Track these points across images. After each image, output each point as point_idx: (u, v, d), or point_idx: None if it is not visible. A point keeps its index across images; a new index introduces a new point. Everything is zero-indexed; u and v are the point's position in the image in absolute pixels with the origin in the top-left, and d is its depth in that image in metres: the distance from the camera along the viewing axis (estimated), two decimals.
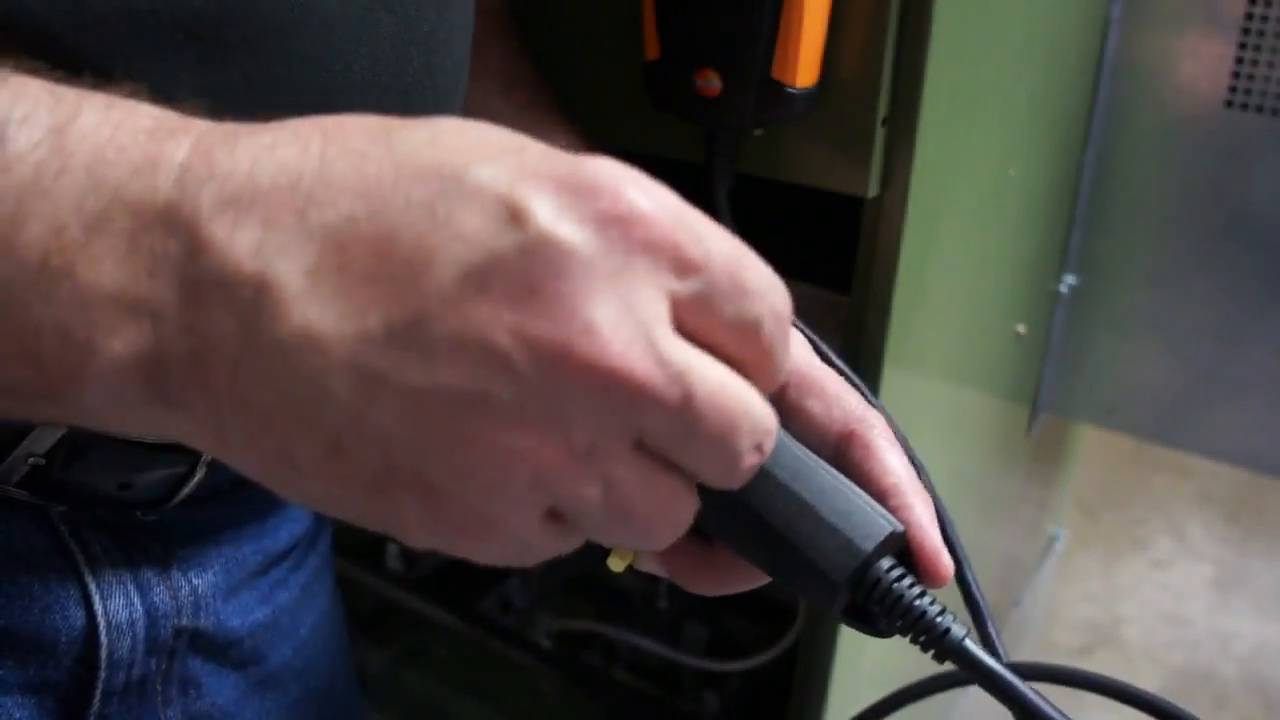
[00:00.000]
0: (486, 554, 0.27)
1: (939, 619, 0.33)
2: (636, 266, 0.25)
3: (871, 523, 0.33)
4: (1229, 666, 1.74)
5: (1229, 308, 0.88)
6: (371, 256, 0.24)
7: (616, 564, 0.36)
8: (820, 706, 0.70)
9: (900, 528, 0.34)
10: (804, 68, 0.55)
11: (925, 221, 0.61)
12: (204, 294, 0.25)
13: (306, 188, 0.25)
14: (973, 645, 0.33)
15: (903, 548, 0.35)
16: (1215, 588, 1.94)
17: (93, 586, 0.43)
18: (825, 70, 0.57)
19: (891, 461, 0.36)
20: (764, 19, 0.54)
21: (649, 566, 0.37)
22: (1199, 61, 0.84)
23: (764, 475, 0.33)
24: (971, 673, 0.33)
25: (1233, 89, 0.83)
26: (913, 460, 0.57)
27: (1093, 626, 1.84)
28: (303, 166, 0.25)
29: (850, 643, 0.69)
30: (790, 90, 0.55)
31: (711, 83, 0.56)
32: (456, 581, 0.93)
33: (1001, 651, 0.52)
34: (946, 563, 0.34)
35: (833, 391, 0.37)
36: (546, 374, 0.24)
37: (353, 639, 0.63)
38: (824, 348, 0.59)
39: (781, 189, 0.62)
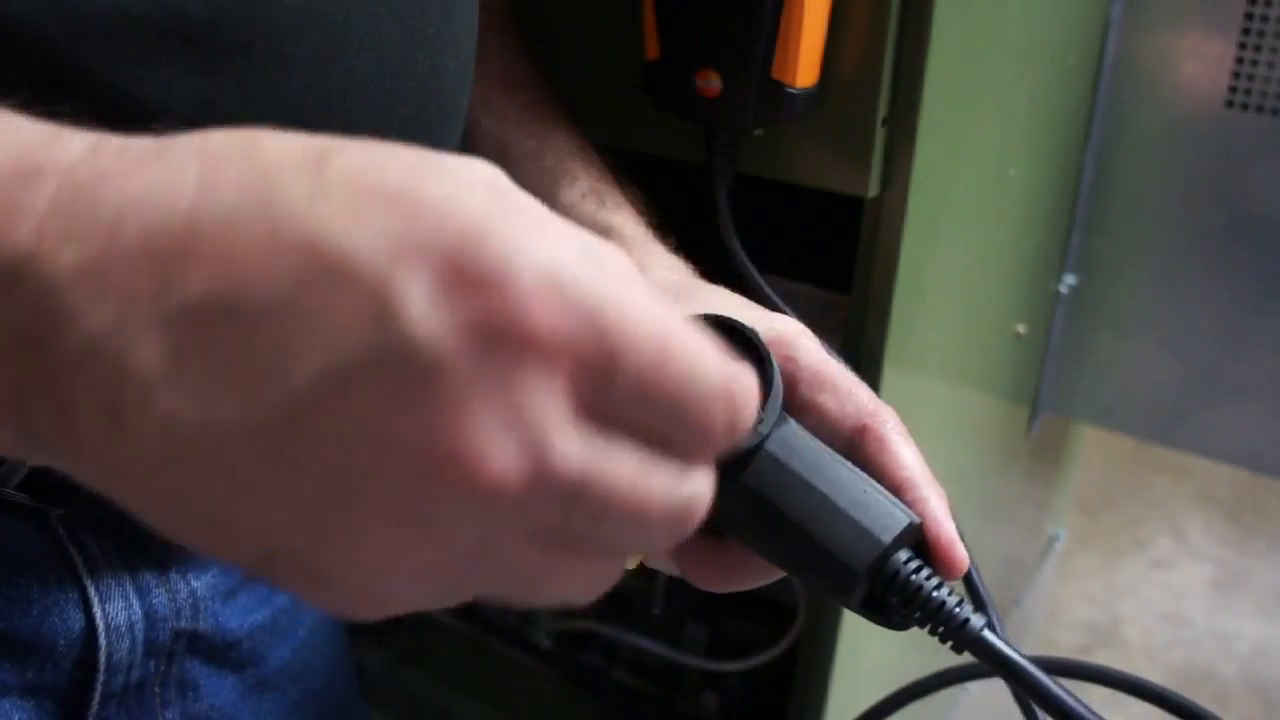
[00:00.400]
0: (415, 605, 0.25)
1: (958, 609, 0.33)
2: (523, 372, 0.22)
3: (889, 514, 0.33)
4: (1229, 666, 1.74)
5: (1229, 308, 0.88)
6: (234, 342, 0.22)
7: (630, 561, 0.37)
8: (820, 706, 0.70)
9: (917, 520, 0.34)
10: (804, 68, 0.55)
11: (925, 221, 0.61)
12: (64, 373, 0.23)
13: (170, 256, 0.22)
14: (991, 635, 0.33)
15: (918, 540, 0.35)
16: (1215, 588, 1.94)
17: (91, 589, 0.43)
18: (825, 70, 0.57)
19: (905, 455, 0.37)
20: (764, 19, 0.54)
21: (659, 564, 0.37)
22: (1199, 61, 0.84)
23: (782, 469, 0.33)
24: (990, 662, 0.34)
25: (1233, 89, 0.83)
26: None
27: (1093, 626, 1.84)
28: (170, 224, 0.22)
29: (850, 643, 0.69)
30: (790, 90, 0.55)
31: (711, 83, 0.56)
32: None
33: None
34: (961, 554, 0.35)
35: (845, 387, 0.38)
36: (415, 487, 0.22)
37: (353, 639, 0.63)
38: (823, 348, 0.60)
39: (781, 189, 0.62)
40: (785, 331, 0.40)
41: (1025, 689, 0.33)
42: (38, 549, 0.41)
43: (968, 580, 0.54)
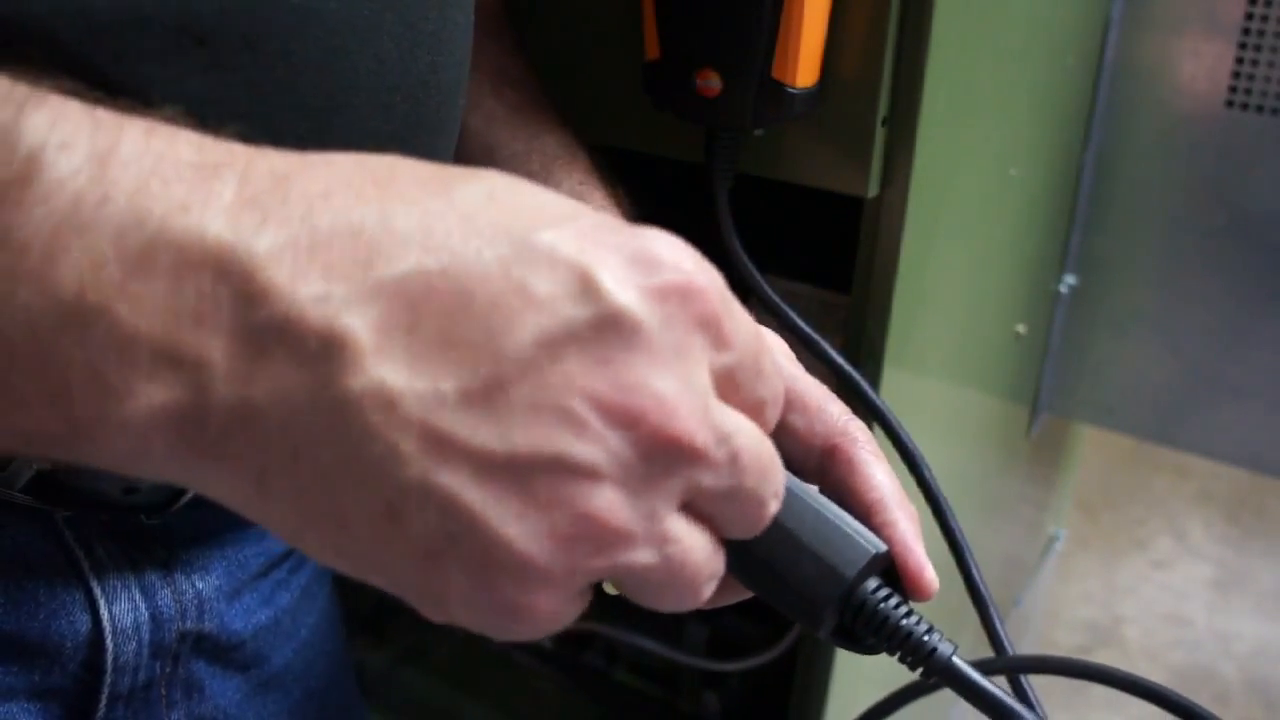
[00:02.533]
0: (515, 631, 0.27)
1: (925, 638, 0.33)
2: (692, 341, 0.26)
3: (854, 547, 0.33)
4: (1229, 666, 1.74)
5: (1229, 308, 0.88)
6: (444, 316, 0.24)
7: (611, 586, 0.37)
8: (820, 706, 0.70)
9: (883, 549, 0.34)
10: (804, 68, 0.55)
11: (925, 221, 0.61)
12: (262, 343, 0.23)
13: (369, 238, 0.24)
14: (960, 662, 0.33)
15: (888, 565, 0.35)
16: (1215, 588, 1.94)
17: (98, 591, 0.43)
18: (825, 70, 0.57)
19: (875, 476, 0.36)
20: (764, 19, 0.54)
21: None
22: (1199, 61, 0.84)
23: None
24: (959, 690, 0.33)
25: (1233, 89, 0.83)
26: (912, 455, 0.57)
27: (1093, 626, 1.84)
28: (363, 217, 0.24)
29: None
30: (790, 90, 0.55)
31: (711, 83, 0.56)
32: None
33: (1007, 644, 0.52)
34: (930, 578, 0.35)
35: (815, 405, 0.37)
36: (620, 439, 0.25)
37: (353, 639, 0.63)
38: (824, 347, 0.60)
39: (781, 189, 0.62)
40: None
41: (993, 715, 0.33)
42: (43, 551, 0.41)
43: (965, 575, 0.54)
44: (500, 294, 0.24)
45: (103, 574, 0.43)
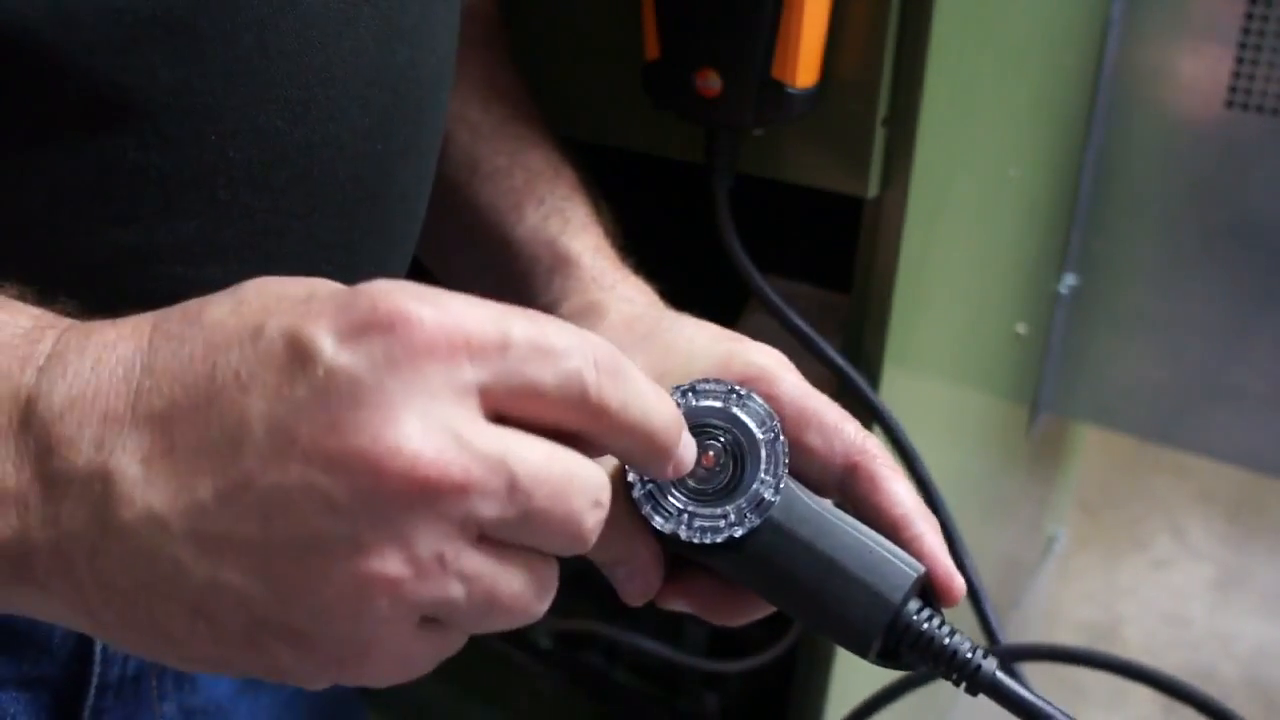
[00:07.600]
0: (372, 677, 0.28)
1: (970, 655, 0.34)
2: (427, 372, 0.26)
3: (897, 572, 0.34)
4: (1229, 666, 1.74)
5: (1229, 308, 0.88)
6: (192, 433, 0.26)
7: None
8: (820, 706, 0.70)
9: (922, 570, 0.35)
10: (804, 68, 0.55)
11: (925, 221, 0.61)
12: (59, 489, 0.26)
13: (136, 379, 0.27)
14: (1004, 677, 0.34)
15: (924, 584, 0.35)
16: (1215, 588, 1.94)
17: None
18: (825, 70, 0.57)
19: (898, 492, 0.37)
20: (764, 19, 0.54)
21: (676, 605, 0.37)
22: (1199, 62, 0.84)
23: (787, 536, 0.34)
24: (1006, 704, 0.34)
25: (1233, 89, 0.83)
26: (910, 455, 0.57)
27: (1093, 626, 1.84)
28: (134, 359, 0.27)
29: None
30: (790, 90, 0.55)
31: (711, 83, 0.57)
32: None
33: (999, 634, 0.52)
34: (959, 584, 0.36)
35: (831, 423, 0.38)
36: (368, 500, 0.25)
37: None
38: (824, 347, 0.60)
39: (781, 189, 0.62)
40: (765, 365, 0.39)
41: None
42: None
43: (963, 573, 0.54)
44: (233, 398, 0.26)
45: None
